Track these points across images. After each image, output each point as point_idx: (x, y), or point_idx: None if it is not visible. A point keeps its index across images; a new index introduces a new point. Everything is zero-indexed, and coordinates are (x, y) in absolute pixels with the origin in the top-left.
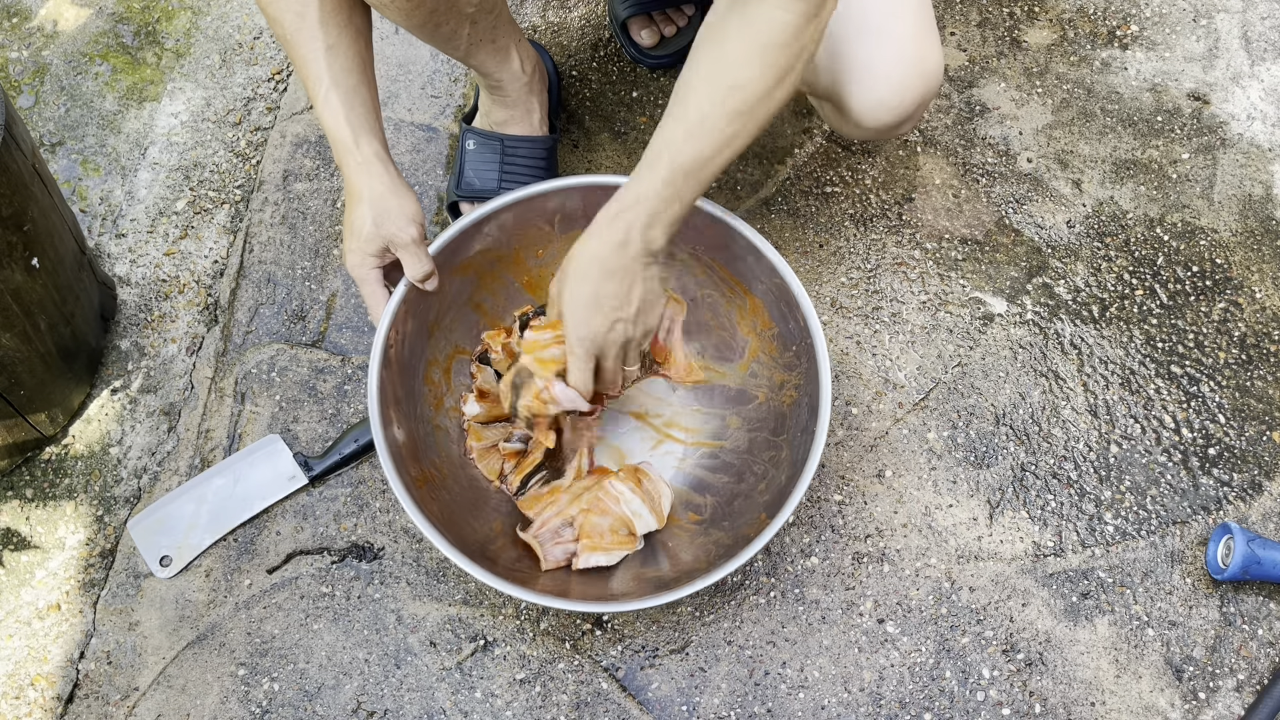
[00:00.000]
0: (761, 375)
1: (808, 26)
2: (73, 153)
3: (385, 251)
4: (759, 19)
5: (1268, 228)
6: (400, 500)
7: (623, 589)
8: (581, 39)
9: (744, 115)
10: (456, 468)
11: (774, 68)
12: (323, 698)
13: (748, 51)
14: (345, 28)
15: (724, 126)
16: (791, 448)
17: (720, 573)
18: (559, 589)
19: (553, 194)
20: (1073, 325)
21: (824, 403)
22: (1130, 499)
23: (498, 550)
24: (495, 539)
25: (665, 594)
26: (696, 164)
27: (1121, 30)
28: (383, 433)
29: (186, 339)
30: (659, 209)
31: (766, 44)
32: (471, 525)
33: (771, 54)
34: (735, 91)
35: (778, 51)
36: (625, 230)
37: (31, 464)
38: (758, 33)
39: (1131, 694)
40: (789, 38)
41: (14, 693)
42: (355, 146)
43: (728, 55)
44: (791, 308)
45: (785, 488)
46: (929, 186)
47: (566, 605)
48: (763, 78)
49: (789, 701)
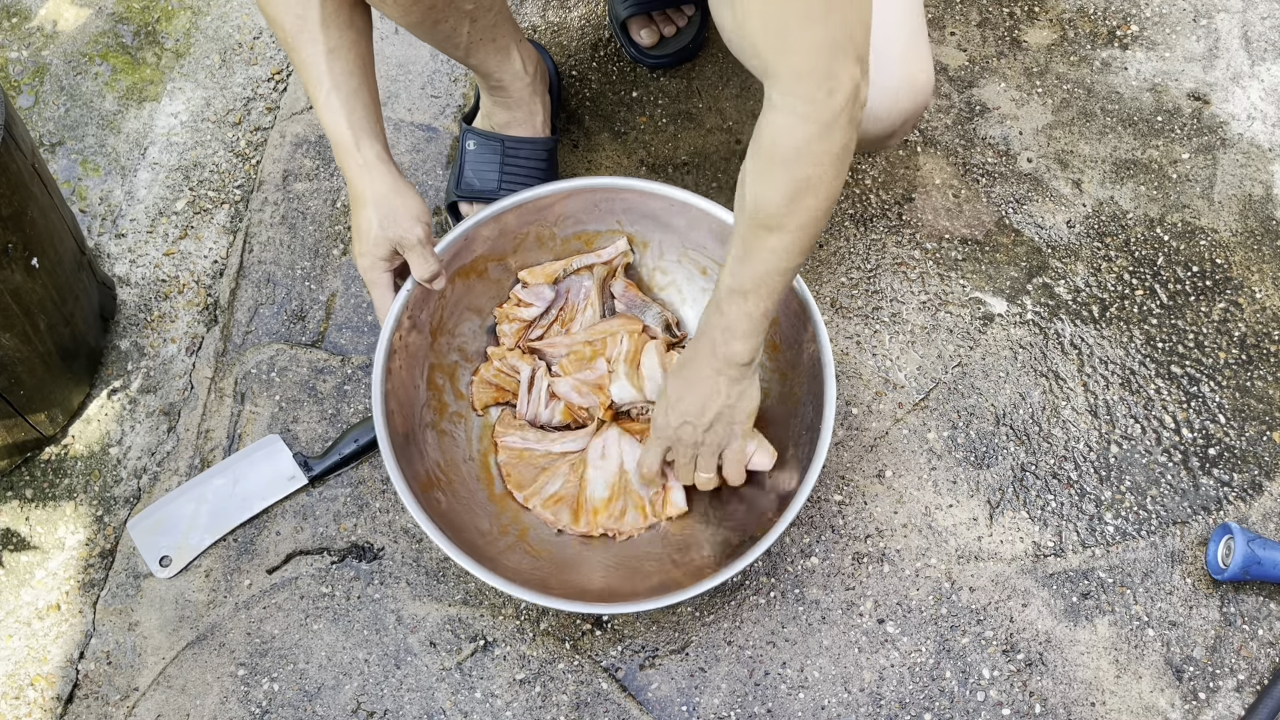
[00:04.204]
0: (762, 373)
1: (825, 136)
2: (73, 153)
3: (394, 254)
4: (766, 130)
5: (1268, 228)
6: (404, 501)
7: (627, 589)
8: (581, 39)
9: (776, 232)
10: (460, 471)
11: (791, 181)
12: (323, 698)
13: (760, 166)
14: (346, 30)
15: (760, 246)
16: (797, 446)
17: (727, 573)
18: (561, 590)
19: (554, 197)
20: (1073, 325)
21: (828, 401)
22: (1130, 499)
23: (500, 552)
24: (496, 540)
25: (671, 595)
26: (751, 284)
27: (1121, 30)
28: (387, 435)
29: (186, 339)
30: (728, 326)
31: (772, 158)
32: (474, 527)
33: (781, 169)
34: (760, 209)
35: (791, 165)
36: (706, 347)
37: (31, 464)
38: (766, 145)
39: (1132, 694)
40: (799, 148)
41: (14, 693)
42: (357, 149)
43: (747, 171)
44: (798, 306)
45: (792, 487)
46: (929, 186)
47: (569, 606)
48: (780, 192)
49: (789, 702)
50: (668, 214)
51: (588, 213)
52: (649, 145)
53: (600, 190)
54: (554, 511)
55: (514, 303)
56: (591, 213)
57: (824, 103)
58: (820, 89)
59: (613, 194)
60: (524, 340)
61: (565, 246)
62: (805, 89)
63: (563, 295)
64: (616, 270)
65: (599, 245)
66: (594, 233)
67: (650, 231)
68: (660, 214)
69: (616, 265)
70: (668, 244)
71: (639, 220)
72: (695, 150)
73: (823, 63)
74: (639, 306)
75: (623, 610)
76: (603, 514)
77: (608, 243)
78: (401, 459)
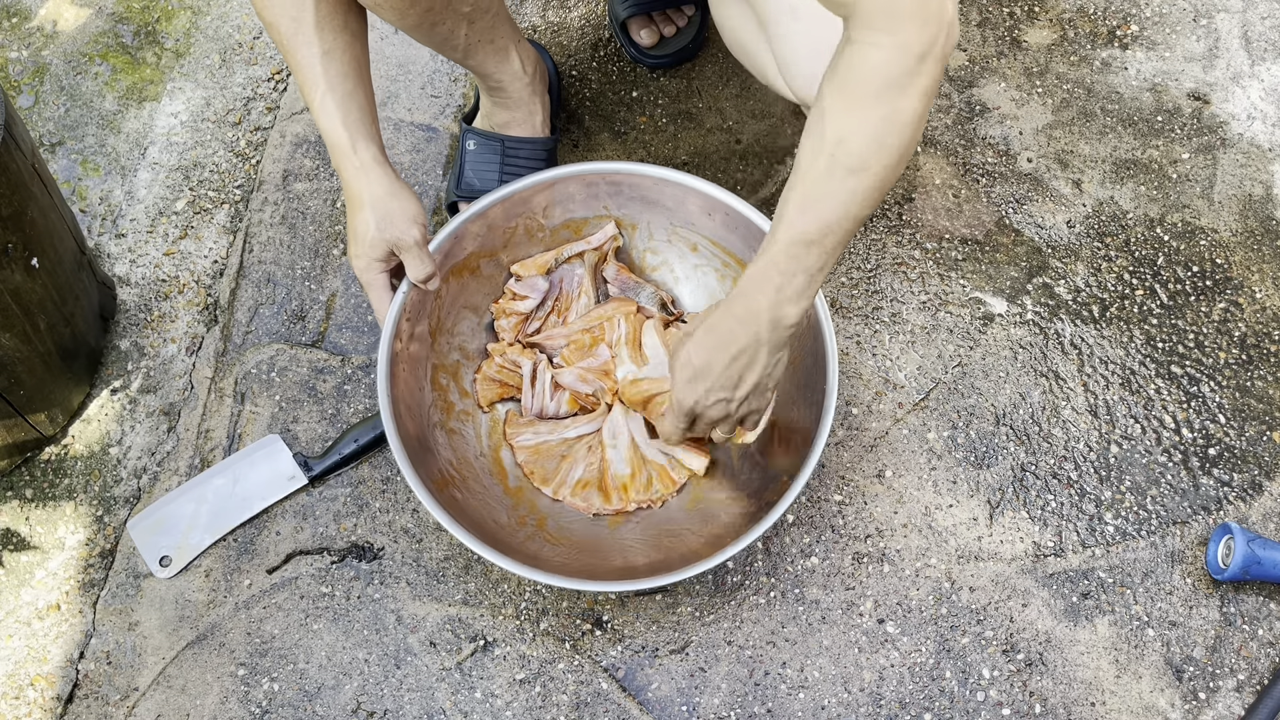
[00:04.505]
0: None
1: (919, 67)
2: (72, 153)
3: (391, 255)
4: (855, 62)
5: (1268, 228)
6: (424, 503)
7: (648, 567)
8: (581, 39)
9: (859, 173)
10: (473, 468)
11: (882, 117)
12: (322, 698)
13: (846, 102)
14: (341, 32)
15: (838, 189)
16: (806, 405)
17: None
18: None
19: (537, 187)
20: (1073, 325)
21: (830, 360)
22: (1130, 499)
23: (520, 543)
24: (516, 531)
25: (696, 565)
26: (818, 232)
27: (1121, 30)
28: (399, 438)
29: (186, 339)
30: (782, 284)
31: (862, 92)
32: (493, 520)
33: (873, 103)
34: (840, 151)
35: (883, 99)
36: (749, 309)
37: (31, 464)
38: (856, 78)
39: (1131, 694)
40: (891, 81)
41: (14, 693)
42: (353, 151)
43: (826, 110)
44: None
45: (804, 451)
46: (929, 186)
47: (596, 587)
48: (869, 128)
49: (789, 702)
50: (654, 194)
51: (573, 200)
52: (649, 145)
53: (584, 176)
54: (584, 498)
55: (509, 297)
56: (577, 200)
57: (918, 33)
58: (915, 19)
59: (597, 179)
60: (522, 334)
61: (555, 236)
62: (900, 19)
63: (556, 285)
64: (607, 255)
65: (588, 232)
66: (582, 220)
67: (638, 213)
68: (646, 195)
69: (607, 250)
70: (656, 224)
71: (626, 203)
72: (695, 150)
73: None
74: (632, 289)
75: (653, 585)
76: (631, 489)
77: (596, 228)
78: (416, 461)
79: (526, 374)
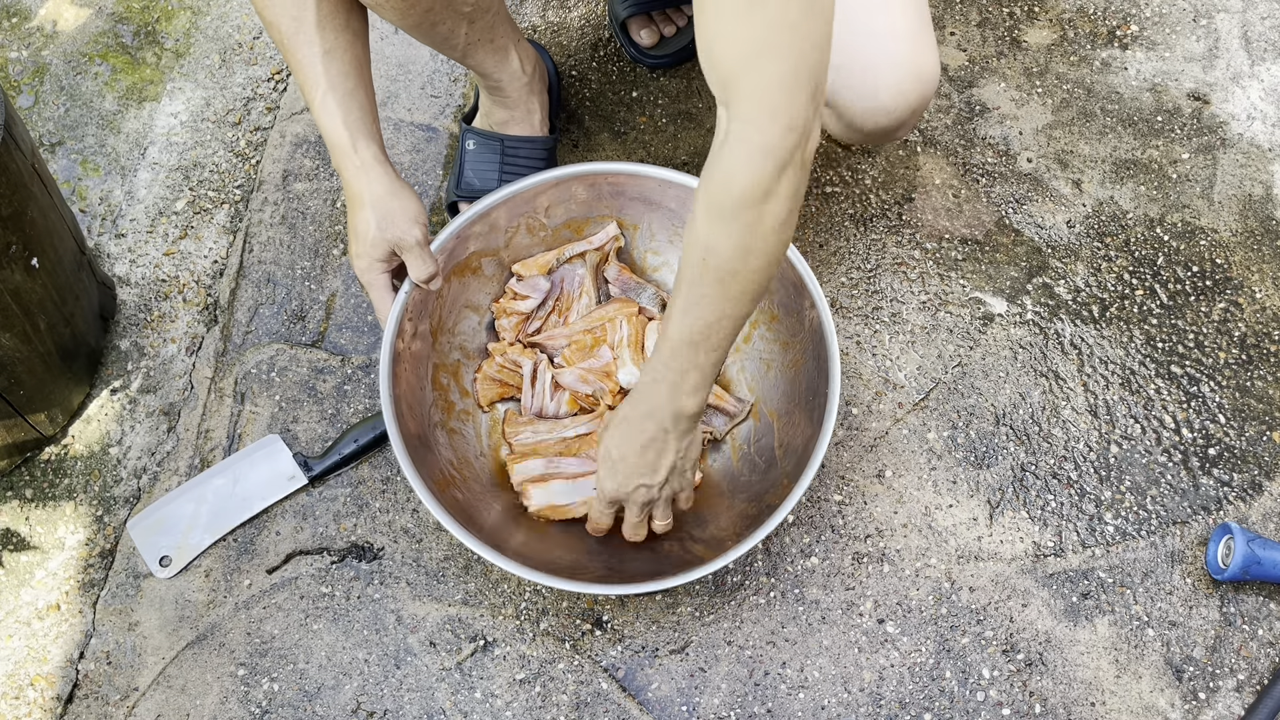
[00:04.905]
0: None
1: (780, 176)
2: (72, 153)
3: (392, 255)
4: (716, 174)
5: (1268, 228)
6: (426, 504)
7: (650, 569)
8: (581, 39)
9: (729, 278)
10: (474, 467)
11: (747, 225)
12: (322, 698)
13: (713, 210)
14: (342, 31)
15: (712, 293)
16: (806, 409)
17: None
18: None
19: (540, 187)
20: (1073, 325)
21: (833, 363)
22: (1130, 499)
23: (521, 544)
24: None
25: (695, 570)
26: (700, 333)
27: (1121, 30)
28: (400, 438)
29: (186, 339)
30: (676, 381)
31: (726, 201)
32: (492, 521)
33: (737, 212)
34: (710, 257)
35: (747, 208)
36: (650, 405)
37: (31, 464)
38: (720, 186)
39: (1131, 694)
40: (752, 194)
41: (13, 693)
42: (353, 150)
43: (697, 217)
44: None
45: (804, 453)
46: (929, 186)
47: (589, 589)
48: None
49: (789, 702)
50: (656, 195)
51: (575, 200)
52: (649, 145)
53: (587, 177)
54: None
55: (510, 296)
56: (579, 200)
57: (781, 138)
58: (780, 120)
59: (599, 179)
60: (523, 334)
61: (556, 236)
62: (767, 114)
63: (558, 285)
64: (609, 255)
65: (589, 232)
66: (583, 220)
67: (639, 214)
68: (648, 195)
69: (608, 250)
70: (657, 225)
71: (628, 204)
72: (695, 150)
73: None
74: (634, 289)
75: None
76: None
77: (598, 229)
78: (417, 461)
79: (527, 374)
